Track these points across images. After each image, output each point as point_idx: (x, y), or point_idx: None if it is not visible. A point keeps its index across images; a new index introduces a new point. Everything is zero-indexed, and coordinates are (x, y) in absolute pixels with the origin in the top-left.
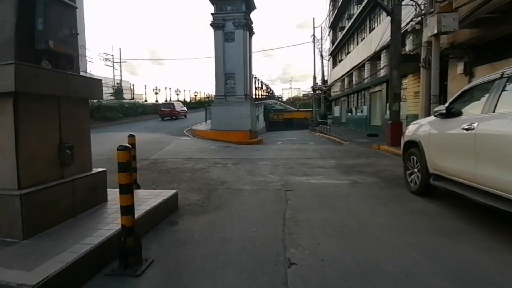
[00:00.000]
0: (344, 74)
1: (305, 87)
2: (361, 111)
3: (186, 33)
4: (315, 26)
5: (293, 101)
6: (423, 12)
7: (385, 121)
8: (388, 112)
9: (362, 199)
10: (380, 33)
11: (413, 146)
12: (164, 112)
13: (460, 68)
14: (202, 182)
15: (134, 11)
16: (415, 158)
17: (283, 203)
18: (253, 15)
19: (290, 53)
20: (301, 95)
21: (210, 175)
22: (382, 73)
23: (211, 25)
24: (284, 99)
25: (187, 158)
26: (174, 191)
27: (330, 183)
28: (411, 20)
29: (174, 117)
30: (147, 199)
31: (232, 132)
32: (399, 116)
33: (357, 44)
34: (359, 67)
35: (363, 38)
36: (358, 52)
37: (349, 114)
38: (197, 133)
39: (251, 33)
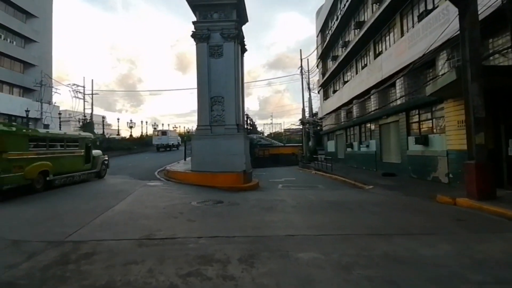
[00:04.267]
0: (341, 105)
1: (286, 122)
2: (367, 146)
3: (170, 66)
4: (302, 57)
5: (274, 136)
6: None
7: (407, 157)
8: (409, 146)
9: None
10: (394, 54)
11: None
12: None
13: None
14: None
15: (114, 43)
16: None
17: None
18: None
19: (267, 90)
20: (282, 130)
21: None
22: (399, 101)
23: (192, 36)
24: (265, 134)
25: (145, 238)
26: None
27: None
28: None
29: None
30: None
31: (220, 174)
32: (486, 153)
33: (357, 73)
34: (363, 96)
35: (365, 65)
36: (362, 80)
37: (349, 149)
38: (173, 175)
39: (243, 49)
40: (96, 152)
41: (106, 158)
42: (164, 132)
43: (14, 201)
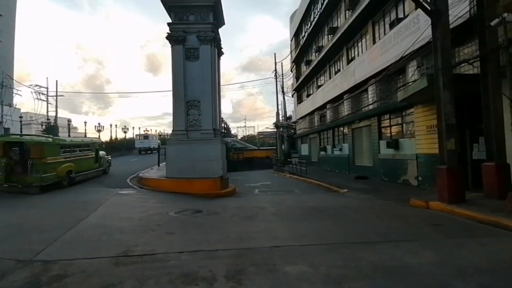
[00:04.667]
0: (315, 109)
1: (259, 125)
2: (340, 150)
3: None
4: (276, 61)
5: (248, 139)
6: None
7: (379, 161)
8: (381, 149)
9: None
10: (367, 60)
11: None
12: None
13: None
14: None
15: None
16: None
17: None
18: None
19: (240, 93)
20: (256, 133)
21: None
22: (371, 106)
23: (167, 38)
24: (239, 137)
25: (121, 256)
26: None
27: None
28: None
29: None
30: None
31: (196, 180)
32: (456, 158)
33: (330, 77)
34: (337, 100)
35: (339, 70)
36: (336, 84)
37: (322, 152)
38: (146, 182)
39: (220, 52)
40: (101, 153)
41: (110, 158)
42: (146, 136)
43: None
